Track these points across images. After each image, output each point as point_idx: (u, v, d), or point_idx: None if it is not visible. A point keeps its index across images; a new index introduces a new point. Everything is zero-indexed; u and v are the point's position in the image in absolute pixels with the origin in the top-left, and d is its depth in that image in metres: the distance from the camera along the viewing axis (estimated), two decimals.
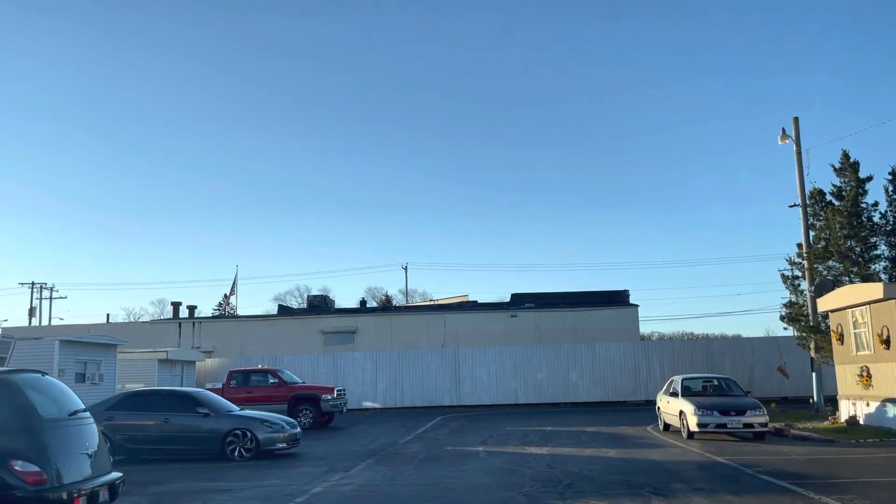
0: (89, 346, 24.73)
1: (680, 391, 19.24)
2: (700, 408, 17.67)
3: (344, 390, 25.39)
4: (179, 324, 44.75)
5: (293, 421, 17.14)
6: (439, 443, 18.95)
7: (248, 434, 15.91)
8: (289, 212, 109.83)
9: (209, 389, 24.96)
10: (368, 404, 32.15)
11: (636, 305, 43.60)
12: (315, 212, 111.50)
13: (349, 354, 33.53)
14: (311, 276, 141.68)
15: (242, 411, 17.03)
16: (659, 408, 20.99)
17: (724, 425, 17.48)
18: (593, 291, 45.39)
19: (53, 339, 23.21)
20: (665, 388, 20.98)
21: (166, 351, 28.97)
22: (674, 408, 19.08)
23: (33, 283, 58.61)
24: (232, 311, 59.11)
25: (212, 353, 41.34)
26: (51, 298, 60.54)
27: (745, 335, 59.01)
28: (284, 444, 16.27)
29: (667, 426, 20.18)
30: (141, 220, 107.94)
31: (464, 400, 31.95)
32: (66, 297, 61.43)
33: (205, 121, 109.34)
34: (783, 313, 25.65)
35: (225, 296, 68.98)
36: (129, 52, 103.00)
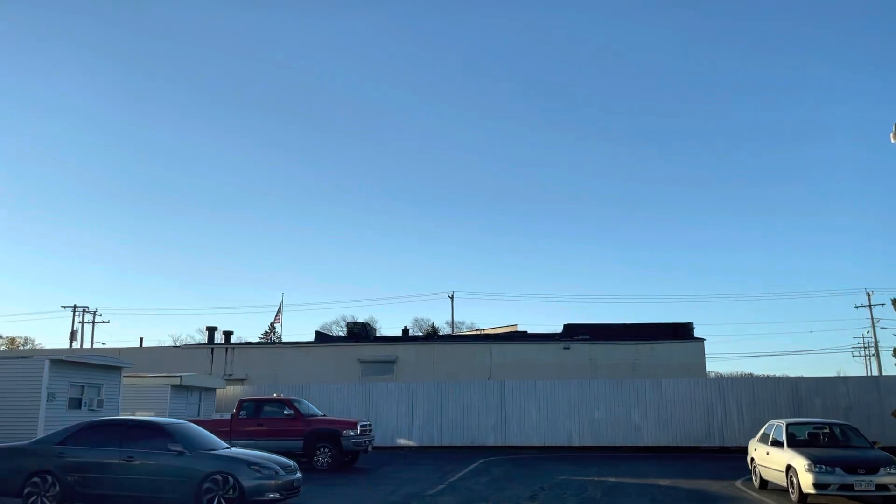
0: (87, 368, 21.45)
1: (785, 440, 14.80)
2: (817, 462, 13.29)
3: (370, 425, 21.47)
4: (212, 349, 41.66)
5: (291, 463, 13.31)
6: (476, 496, 14.89)
7: (231, 480, 12.14)
8: (336, 241, 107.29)
9: (217, 420, 21.47)
10: (403, 442, 28.09)
11: (702, 340, 38.92)
12: (363, 241, 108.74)
13: (382, 385, 29.61)
14: (358, 305, 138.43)
15: (228, 450, 13.28)
16: (753, 459, 16.52)
17: (850, 486, 13.06)
18: (654, 324, 40.81)
19: (43, 359, 19.98)
20: (761, 435, 16.54)
21: (180, 376, 25.55)
22: (777, 461, 14.65)
23: (75, 307, 56.64)
24: (277, 339, 56.28)
25: (245, 380, 38.10)
26: (93, 322, 58.48)
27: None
28: (277, 494, 12.44)
29: (764, 483, 15.72)
30: (189, 247, 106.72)
31: (510, 440, 27.65)
32: (108, 322, 59.24)
33: (254, 153, 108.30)
34: None
35: (271, 324, 66.46)
36: (172, 96, 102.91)
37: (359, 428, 20.35)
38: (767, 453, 15.31)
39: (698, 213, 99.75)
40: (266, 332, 68.21)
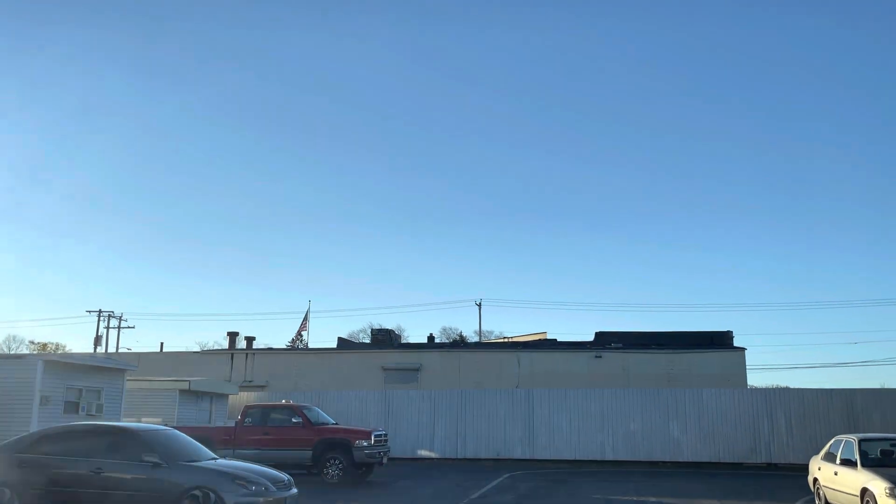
0: (86, 371, 19.89)
1: (857, 459, 12.59)
2: None
3: (385, 435, 19.58)
4: (232, 355, 40.18)
5: (284, 478, 11.47)
6: None
7: (212, 496, 10.37)
8: (364, 248, 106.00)
9: (221, 428, 19.77)
10: (424, 453, 26.14)
11: (743, 349, 36.42)
12: (391, 247, 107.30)
13: (403, 393, 27.71)
14: (386, 313, 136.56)
15: (213, 462, 11.48)
16: (816, 480, 14.31)
17: None
18: (690, 332, 38.38)
19: (36, 360, 18.46)
20: (825, 452, 14.32)
21: (188, 380, 23.95)
22: (849, 483, 12.45)
23: (100, 312, 55.64)
24: (304, 347, 54.91)
25: (265, 386, 36.57)
26: (119, 328, 57.44)
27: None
28: None
29: None
30: (216, 253, 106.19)
31: (538, 453, 25.54)
32: (133, 327, 58.26)
33: (283, 161, 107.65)
34: None
35: (298, 331, 65.17)
36: (209, 101, 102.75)
37: (373, 438, 18.47)
38: (836, 474, 13.11)
39: (737, 218, 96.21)
40: (293, 339, 67.04)
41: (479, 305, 57.14)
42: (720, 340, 37.17)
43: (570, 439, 25.53)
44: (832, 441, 14.18)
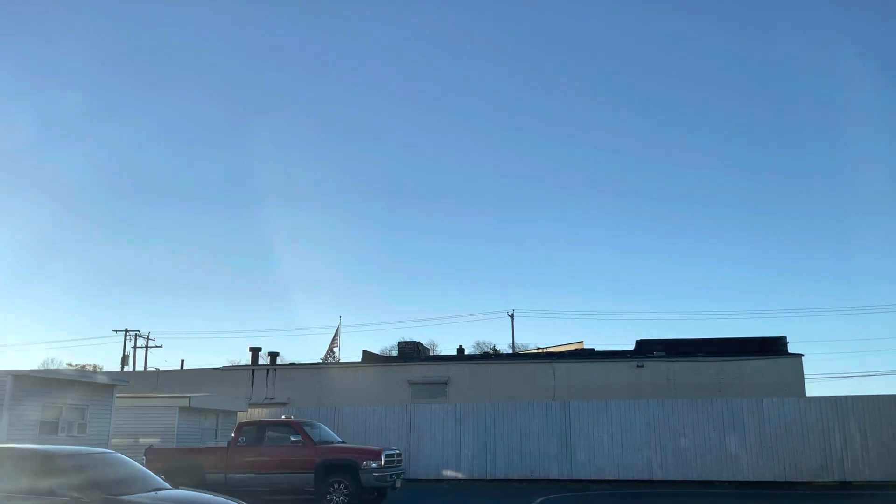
0: (66, 387, 17.55)
1: None
2: None
3: (399, 455, 16.77)
4: (252, 371, 37.83)
5: None
6: None
7: None
8: (395, 262, 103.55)
9: (212, 448, 17.16)
10: (449, 473, 23.25)
11: (800, 355, 32.82)
12: (422, 261, 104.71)
13: (426, 407, 24.88)
14: (418, 327, 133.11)
15: (149, 496, 8.79)
16: None
17: None
18: (739, 338, 34.92)
19: (6, 375, 16.14)
20: None
21: (189, 397, 21.50)
22: None
23: (126, 331, 54.06)
24: (335, 362, 52.75)
25: (287, 403, 34.11)
26: (146, 347, 55.79)
27: None
28: None
29: None
30: (244, 270, 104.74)
31: (577, 472, 22.47)
32: (161, 346, 56.52)
33: (302, 169, 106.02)
34: None
35: (329, 348, 62.97)
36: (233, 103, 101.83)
37: (383, 458, 15.68)
38: None
39: (787, 217, 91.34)
40: (325, 356, 64.82)
41: (512, 316, 54.17)
42: (773, 347, 33.64)
43: (612, 456, 22.42)
44: None
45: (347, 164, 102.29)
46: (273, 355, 42.52)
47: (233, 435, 16.70)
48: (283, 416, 17.99)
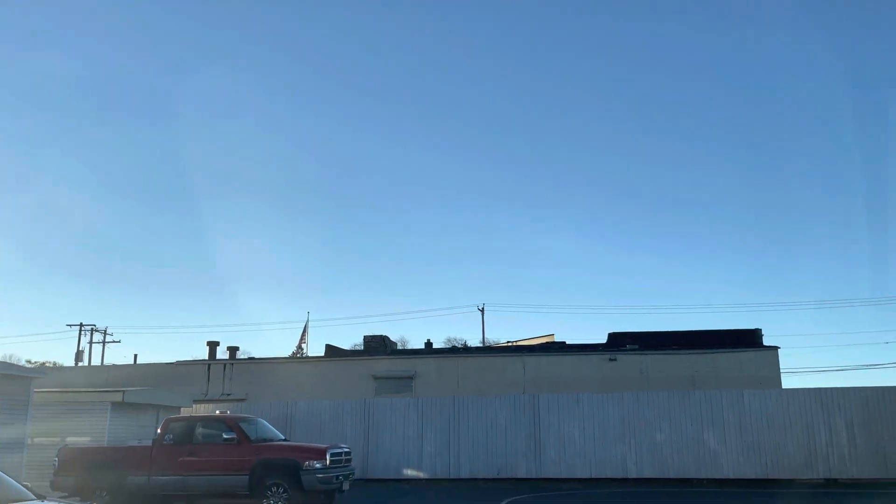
0: None
1: None
2: None
3: (347, 453, 14.77)
4: (209, 366, 35.48)
5: None
6: None
7: None
8: (364, 258, 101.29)
9: (134, 448, 15.02)
10: (410, 472, 21.30)
11: (776, 348, 31.40)
12: (391, 256, 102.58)
13: (386, 401, 22.92)
14: (388, 321, 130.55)
15: None
16: None
17: None
18: (714, 330, 33.43)
19: None
20: None
21: (122, 391, 19.27)
22: None
23: (81, 325, 51.20)
24: (297, 357, 50.51)
25: (244, 399, 31.95)
26: (103, 342, 53.00)
27: None
28: None
29: None
30: (209, 265, 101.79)
31: (546, 470, 20.67)
32: (119, 342, 53.75)
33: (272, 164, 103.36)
34: None
35: (298, 344, 60.71)
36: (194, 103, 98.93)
37: (328, 457, 13.70)
38: None
39: (760, 212, 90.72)
40: (293, 353, 62.56)
41: (482, 311, 52.31)
42: (748, 339, 32.21)
43: (584, 453, 20.65)
44: None
45: (312, 158, 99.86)
46: (232, 350, 40.24)
47: (158, 432, 14.56)
48: (217, 412, 15.90)
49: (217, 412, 15.62)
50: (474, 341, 65.09)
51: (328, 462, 13.63)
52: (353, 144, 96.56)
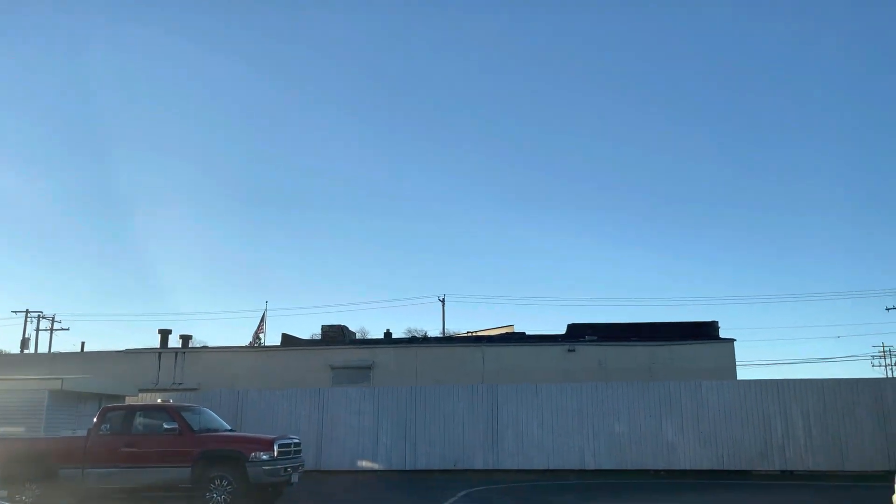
0: None
1: None
2: None
3: (297, 444, 14.06)
4: (159, 354, 34.24)
5: None
6: None
7: None
8: (326, 247, 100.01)
9: (68, 438, 14.09)
10: (365, 464, 20.67)
11: (732, 340, 31.49)
12: (354, 246, 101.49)
13: (341, 391, 22.23)
14: (348, 311, 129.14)
15: None
16: None
17: None
18: (671, 323, 33.41)
19: None
20: None
21: (61, 379, 18.24)
22: None
23: (27, 312, 49.18)
24: (252, 346, 49.31)
25: (197, 389, 30.83)
26: (51, 329, 51.04)
27: None
28: None
29: None
30: (166, 251, 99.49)
31: (504, 462, 20.24)
32: (68, 329, 51.81)
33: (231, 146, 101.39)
34: None
35: (255, 333, 59.41)
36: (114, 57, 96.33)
37: (276, 449, 12.99)
38: None
39: (714, 209, 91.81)
40: (251, 343, 61.25)
41: (443, 301, 51.77)
42: (705, 332, 32.24)
43: (542, 444, 20.26)
44: None
45: (273, 150, 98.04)
46: (185, 338, 38.97)
47: (94, 422, 13.65)
48: (159, 400, 15.02)
49: (159, 400, 14.74)
50: (435, 332, 64.57)
51: (276, 453, 12.93)
52: (313, 138, 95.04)
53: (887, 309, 48.71)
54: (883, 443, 18.85)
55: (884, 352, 61.42)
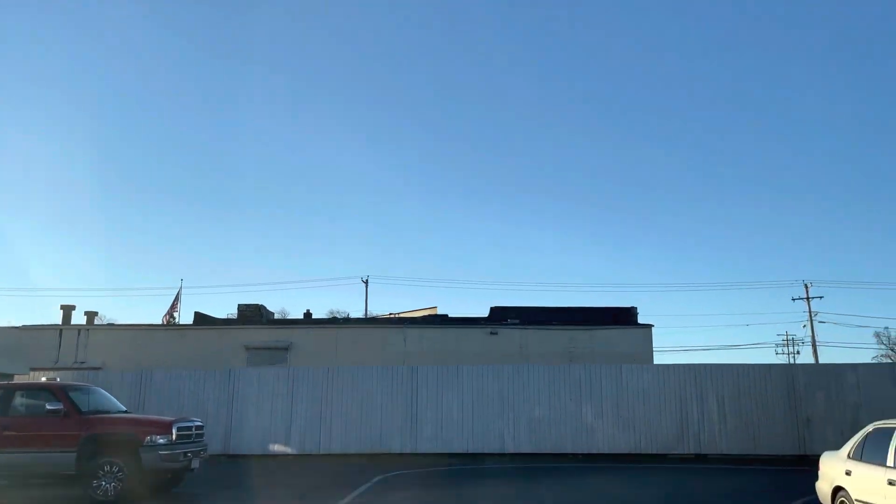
0: None
1: None
2: None
3: (199, 427, 12.95)
4: (60, 331, 32.00)
5: None
6: None
7: None
8: (244, 225, 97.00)
9: None
10: (277, 448, 19.62)
11: (650, 325, 31.93)
12: (273, 226, 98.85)
13: (253, 371, 21.05)
14: (268, 291, 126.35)
15: None
16: (841, 489, 8.95)
17: None
18: (592, 308, 33.57)
19: None
20: (854, 447, 8.99)
21: None
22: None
23: None
24: (163, 325, 46.89)
25: (100, 368, 28.84)
26: None
27: None
28: None
29: None
30: (78, 223, 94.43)
31: (423, 445, 19.59)
32: None
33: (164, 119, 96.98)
34: None
35: (168, 312, 56.73)
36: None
37: (174, 432, 11.85)
38: (891, 483, 7.74)
39: (638, 200, 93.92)
40: (163, 321, 58.53)
41: (366, 282, 50.67)
42: (625, 317, 32.55)
43: (462, 428, 19.72)
44: (868, 432, 8.83)
45: (199, 125, 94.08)
46: (91, 315, 36.58)
47: None
48: (43, 378, 13.59)
49: (44, 379, 13.30)
50: (357, 313, 63.41)
51: (174, 437, 11.80)
52: (238, 114, 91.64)
53: (793, 299, 50.75)
54: (793, 428, 19.17)
55: (787, 340, 64.21)
